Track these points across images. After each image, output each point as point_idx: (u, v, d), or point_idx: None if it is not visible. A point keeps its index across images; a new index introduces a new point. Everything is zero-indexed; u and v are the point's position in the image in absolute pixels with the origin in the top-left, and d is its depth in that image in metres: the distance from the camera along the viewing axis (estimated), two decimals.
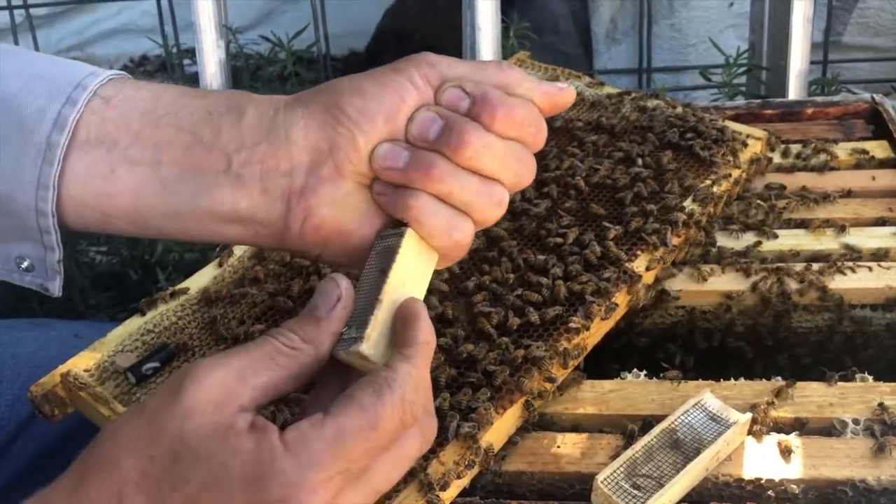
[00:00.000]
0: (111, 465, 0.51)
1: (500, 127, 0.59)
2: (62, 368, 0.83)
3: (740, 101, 1.40)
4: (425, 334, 0.56)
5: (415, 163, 0.59)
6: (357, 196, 0.61)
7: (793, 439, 0.75)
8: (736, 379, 0.82)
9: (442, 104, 0.60)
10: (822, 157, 1.09)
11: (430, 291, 0.84)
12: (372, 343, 0.55)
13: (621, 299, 0.86)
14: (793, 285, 0.91)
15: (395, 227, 0.60)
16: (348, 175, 0.60)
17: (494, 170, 0.60)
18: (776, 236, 0.97)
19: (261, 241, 0.63)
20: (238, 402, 0.52)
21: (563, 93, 0.63)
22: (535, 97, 0.62)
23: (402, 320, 0.57)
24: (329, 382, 0.58)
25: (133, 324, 0.87)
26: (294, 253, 0.80)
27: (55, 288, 0.67)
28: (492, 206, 0.60)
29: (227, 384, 0.52)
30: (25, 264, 0.65)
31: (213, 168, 0.60)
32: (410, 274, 0.59)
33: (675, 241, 0.92)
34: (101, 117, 0.61)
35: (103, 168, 0.61)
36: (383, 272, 0.58)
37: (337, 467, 0.51)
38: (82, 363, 0.83)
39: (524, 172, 0.61)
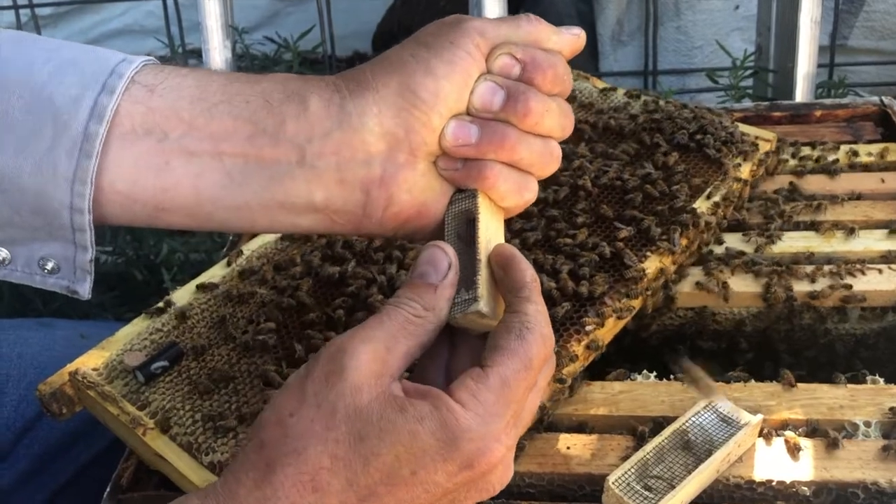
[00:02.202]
0: (298, 456, 0.51)
1: (550, 87, 0.61)
2: (70, 367, 0.83)
3: (748, 103, 1.40)
4: (530, 272, 0.59)
5: (486, 137, 0.60)
6: (430, 174, 0.61)
7: (802, 440, 0.75)
8: (746, 382, 0.82)
9: (495, 72, 0.60)
10: (832, 158, 1.09)
11: None
12: (485, 300, 0.57)
13: (633, 302, 0.86)
14: (802, 287, 0.91)
15: (460, 190, 0.62)
16: (422, 156, 0.60)
17: (552, 128, 0.61)
18: (781, 240, 0.97)
19: (335, 228, 0.62)
20: (390, 372, 0.54)
21: (579, 39, 0.65)
22: (563, 49, 0.63)
23: (502, 266, 0.59)
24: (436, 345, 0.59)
25: (141, 322, 0.87)
26: (366, 236, 0.79)
27: (85, 290, 0.63)
28: (553, 162, 0.62)
29: (379, 357, 0.53)
30: (50, 266, 0.61)
31: (284, 160, 0.58)
32: (491, 231, 0.61)
33: (684, 242, 0.91)
34: (145, 107, 0.57)
35: (156, 160, 0.57)
36: (471, 235, 0.59)
37: (510, 411, 0.54)
38: (91, 362, 0.83)
39: (568, 124, 0.63)
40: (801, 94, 1.50)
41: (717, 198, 0.97)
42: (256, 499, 0.51)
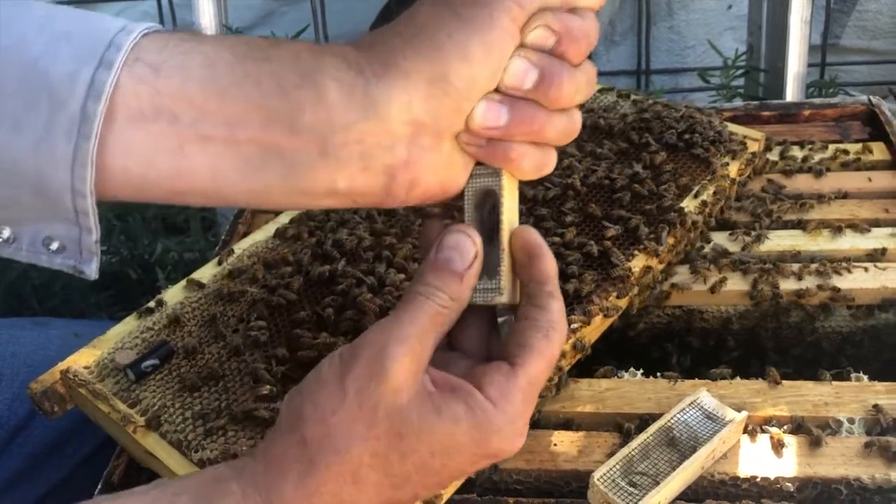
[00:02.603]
0: (342, 455, 0.54)
1: (581, 57, 0.59)
2: (62, 365, 0.83)
3: (738, 102, 1.40)
4: (554, 264, 0.59)
5: (516, 119, 0.57)
6: (454, 151, 0.59)
7: (787, 437, 0.76)
8: (731, 378, 0.83)
9: (529, 44, 0.57)
10: (819, 157, 1.10)
11: None
12: (508, 291, 0.59)
13: (620, 301, 0.87)
14: (788, 286, 0.91)
15: (480, 163, 0.60)
16: (448, 137, 0.58)
17: (577, 101, 0.59)
18: (768, 238, 0.98)
19: (357, 206, 0.61)
20: (423, 367, 0.56)
21: None
22: (594, 5, 0.60)
23: (528, 254, 0.59)
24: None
25: (133, 321, 0.88)
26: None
27: (91, 271, 0.60)
28: (574, 133, 0.61)
29: (415, 355, 0.55)
30: (55, 245, 0.58)
31: (304, 150, 0.55)
32: (513, 213, 0.61)
33: (671, 241, 0.92)
34: (153, 88, 0.54)
35: (170, 144, 0.54)
36: (495, 219, 0.59)
37: (531, 407, 0.58)
38: (82, 360, 0.84)
39: (591, 89, 0.61)
40: (792, 93, 1.51)
41: (704, 197, 0.98)
42: (302, 494, 0.54)
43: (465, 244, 0.58)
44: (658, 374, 0.85)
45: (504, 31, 0.56)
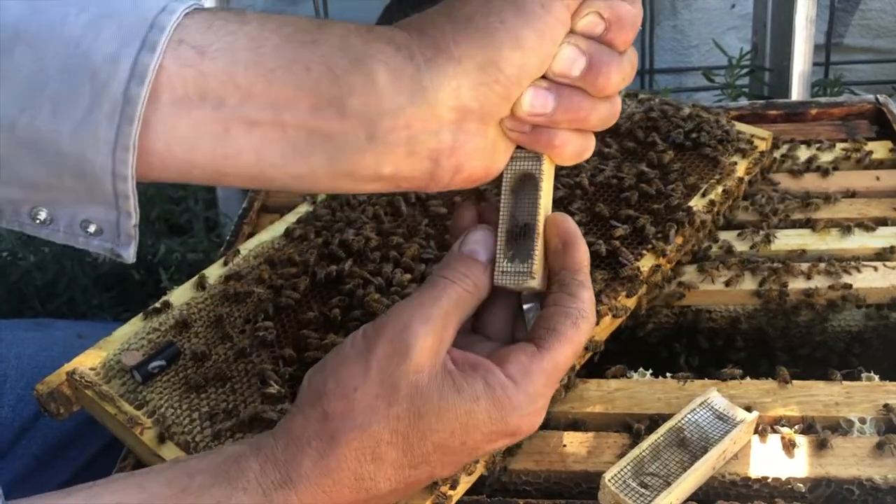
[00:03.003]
0: (363, 431, 0.54)
1: (628, 43, 0.59)
2: (68, 367, 0.83)
3: (744, 101, 1.40)
4: (587, 254, 0.60)
5: (562, 107, 0.57)
6: (497, 136, 0.59)
7: (798, 437, 0.75)
8: (741, 378, 0.82)
9: (578, 31, 0.57)
10: (828, 156, 1.09)
11: None
12: (539, 277, 0.60)
13: (629, 301, 0.86)
14: (797, 285, 0.91)
15: (521, 147, 0.60)
16: (493, 123, 0.58)
17: (621, 87, 0.60)
18: (777, 238, 0.97)
19: (400, 189, 0.61)
20: (445, 348, 0.57)
21: None
22: None
23: (563, 241, 0.60)
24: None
25: (138, 322, 0.87)
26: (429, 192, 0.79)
27: (129, 254, 0.59)
28: (614, 118, 0.61)
29: (438, 336, 0.56)
30: (92, 228, 0.57)
31: (352, 134, 0.55)
32: (549, 195, 0.61)
33: (679, 240, 0.92)
34: (197, 71, 0.53)
35: (215, 128, 0.54)
36: (533, 203, 0.60)
37: (553, 389, 0.59)
38: (88, 361, 0.83)
39: (633, 74, 0.61)
40: (797, 92, 1.50)
41: (712, 196, 0.97)
42: (321, 470, 0.55)
43: (490, 240, 0.60)
44: (668, 374, 0.84)
45: (556, 19, 0.56)
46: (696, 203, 0.96)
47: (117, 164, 0.53)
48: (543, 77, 0.57)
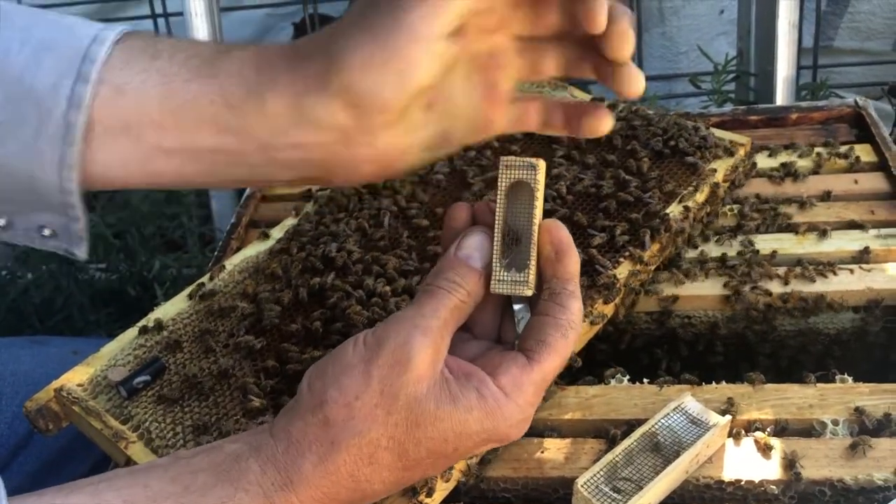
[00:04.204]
0: (361, 437, 0.57)
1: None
2: (56, 383, 0.84)
3: (726, 107, 1.41)
4: (577, 265, 0.62)
5: None
6: (388, 143, 0.61)
7: (771, 440, 0.76)
8: (718, 382, 0.83)
9: None
10: (806, 161, 1.11)
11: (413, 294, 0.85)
12: (532, 285, 0.62)
13: (606, 308, 0.88)
14: (774, 289, 0.92)
15: (514, 155, 0.62)
16: (379, 132, 0.60)
17: None
18: (753, 243, 0.98)
19: (309, 185, 0.68)
20: (443, 357, 0.59)
21: None
22: None
23: (556, 250, 0.62)
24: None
25: (126, 338, 0.89)
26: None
27: (82, 252, 0.68)
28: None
29: (436, 345, 0.58)
30: (47, 232, 0.66)
31: (254, 154, 0.62)
32: (542, 203, 0.62)
33: (656, 247, 0.93)
34: (116, 107, 0.61)
35: (139, 156, 0.62)
36: (528, 211, 0.62)
37: (539, 399, 0.62)
38: (76, 378, 0.85)
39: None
40: (782, 96, 1.51)
41: (690, 203, 0.99)
42: (321, 472, 0.57)
43: (486, 245, 0.62)
44: (644, 380, 0.85)
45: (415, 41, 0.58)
46: (674, 210, 0.97)
47: (63, 181, 0.61)
48: None
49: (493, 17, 0.61)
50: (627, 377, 0.86)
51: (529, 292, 0.61)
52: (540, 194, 0.62)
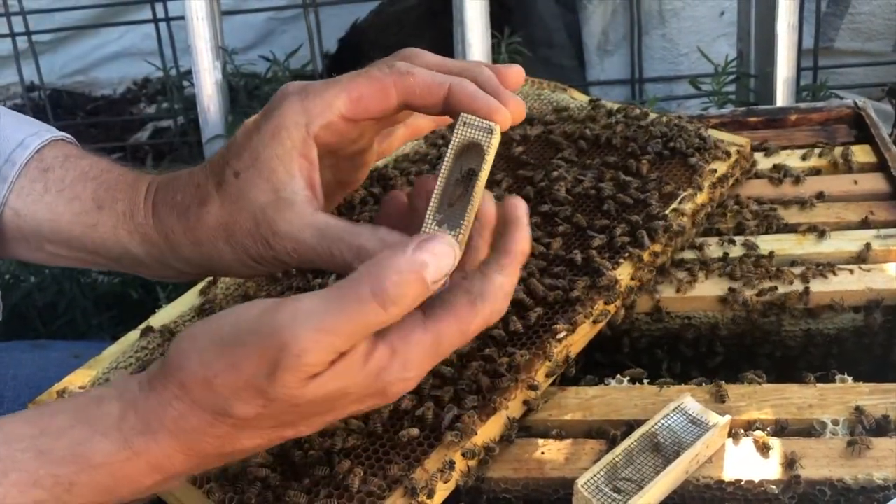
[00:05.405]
0: (223, 414, 0.54)
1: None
2: (58, 386, 0.85)
3: (726, 109, 1.41)
4: (524, 243, 0.59)
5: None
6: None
7: (771, 439, 0.76)
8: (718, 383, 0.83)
9: None
10: (806, 162, 1.11)
11: None
12: (461, 245, 0.58)
13: (609, 307, 0.88)
14: (775, 290, 0.92)
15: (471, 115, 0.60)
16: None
17: None
18: (753, 244, 0.98)
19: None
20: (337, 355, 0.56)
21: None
22: None
23: (507, 222, 0.59)
24: None
25: (128, 341, 0.89)
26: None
27: None
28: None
29: (334, 349, 0.53)
30: None
31: (142, 273, 0.73)
32: (489, 169, 0.60)
33: (657, 248, 0.93)
34: (16, 226, 0.75)
35: (44, 256, 0.77)
36: (474, 173, 0.59)
37: (430, 366, 0.57)
38: (78, 380, 0.85)
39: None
40: (782, 97, 1.52)
41: (689, 204, 0.99)
42: (181, 426, 0.55)
43: (450, 259, 0.53)
44: (644, 380, 0.85)
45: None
46: (673, 211, 0.98)
47: None
48: None
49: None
50: (628, 378, 0.86)
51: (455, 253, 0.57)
52: (489, 158, 0.59)
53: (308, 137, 0.62)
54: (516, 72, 0.64)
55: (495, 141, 0.60)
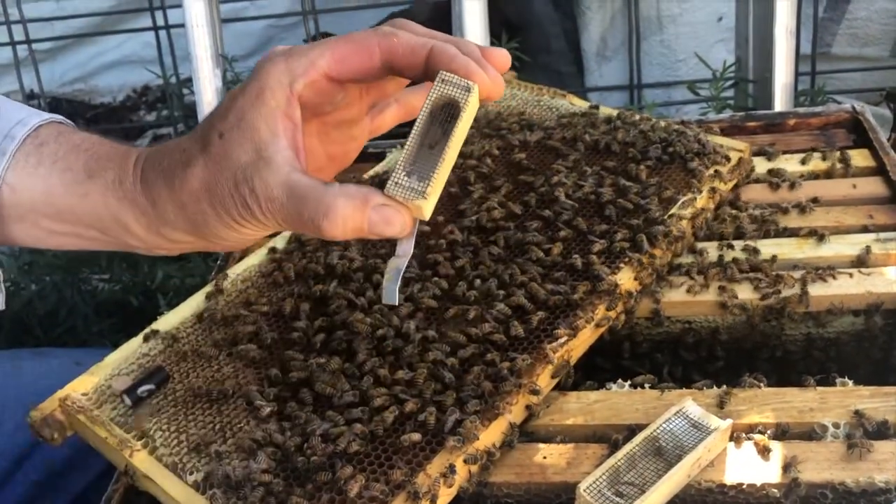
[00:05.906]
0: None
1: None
2: (61, 393, 0.85)
3: (724, 114, 1.42)
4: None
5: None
6: (235, 241, 0.70)
7: (772, 443, 0.76)
8: (719, 386, 0.84)
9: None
10: (805, 166, 1.11)
11: (415, 302, 0.86)
12: (427, 196, 0.60)
13: (610, 312, 0.88)
14: (775, 293, 0.92)
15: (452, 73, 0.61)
16: (211, 241, 0.70)
17: None
18: (753, 248, 0.99)
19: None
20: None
21: None
22: None
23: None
24: None
25: (129, 347, 0.90)
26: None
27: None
28: None
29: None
30: None
31: (134, 246, 0.75)
32: (465, 129, 0.61)
33: (657, 252, 0.93)
34: (12, 202, 0.74)
35: (39, 234, 0.76)
36: (448, 131, 0.60)
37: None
38: (80, 387, 0.85)
39: None
40: (780, 103, 1.52)
41: (690, 208, 0.99)
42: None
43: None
44: (645, 385, 0.85)
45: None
46: (673, 215, 0.98)
47: None
48: None
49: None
50: (629, 382, 0.86)
51: (423, 202, 0.59)
52: (466, 116, 0.60)
53: (292, 97, 0.64)
54: (501, 53, 0.66)
55: (473, 100, 0.60)
